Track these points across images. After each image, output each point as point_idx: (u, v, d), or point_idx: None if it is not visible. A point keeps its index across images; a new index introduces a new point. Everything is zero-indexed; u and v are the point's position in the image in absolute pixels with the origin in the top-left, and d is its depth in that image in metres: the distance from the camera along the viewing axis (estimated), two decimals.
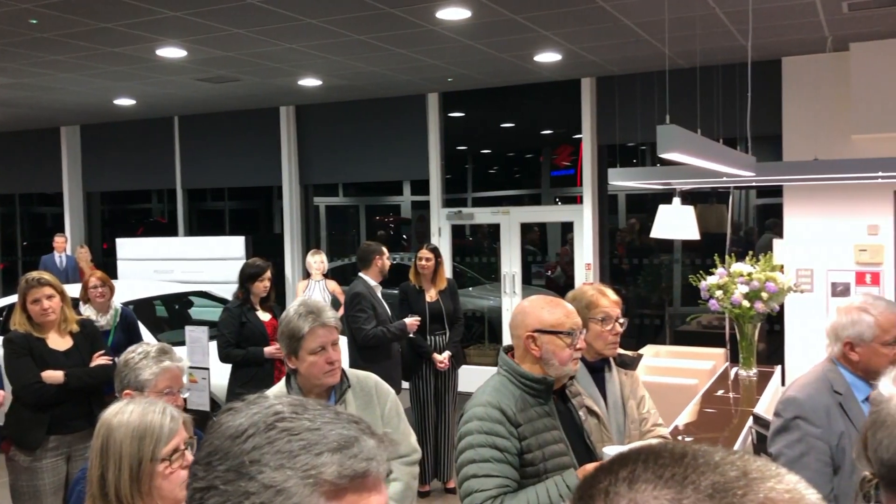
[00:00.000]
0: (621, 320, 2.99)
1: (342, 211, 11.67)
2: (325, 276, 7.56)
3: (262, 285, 5.26)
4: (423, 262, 5.80)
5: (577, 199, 8.62)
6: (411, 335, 5.62)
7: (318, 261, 7.52)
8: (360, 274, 5.70)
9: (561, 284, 9.18)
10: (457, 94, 8.94)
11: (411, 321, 5.54)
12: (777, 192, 7.58)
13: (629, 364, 3.14)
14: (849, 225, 7.08)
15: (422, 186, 9.40)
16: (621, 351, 3.09)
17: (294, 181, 9.86)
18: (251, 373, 5.06)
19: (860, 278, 7.09)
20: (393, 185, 10.88)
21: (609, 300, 2.99)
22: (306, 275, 7.93)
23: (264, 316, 5.29)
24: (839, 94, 6.92)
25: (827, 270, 7.18)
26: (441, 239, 8.92)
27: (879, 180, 6.22)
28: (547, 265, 9.76)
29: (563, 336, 2.42)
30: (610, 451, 2.53)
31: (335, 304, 7.29)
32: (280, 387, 2.73)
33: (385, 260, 5.73)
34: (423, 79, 8.08)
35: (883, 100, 6.53)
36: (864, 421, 1.19)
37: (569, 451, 2.41)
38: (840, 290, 7.03)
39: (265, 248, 9.70)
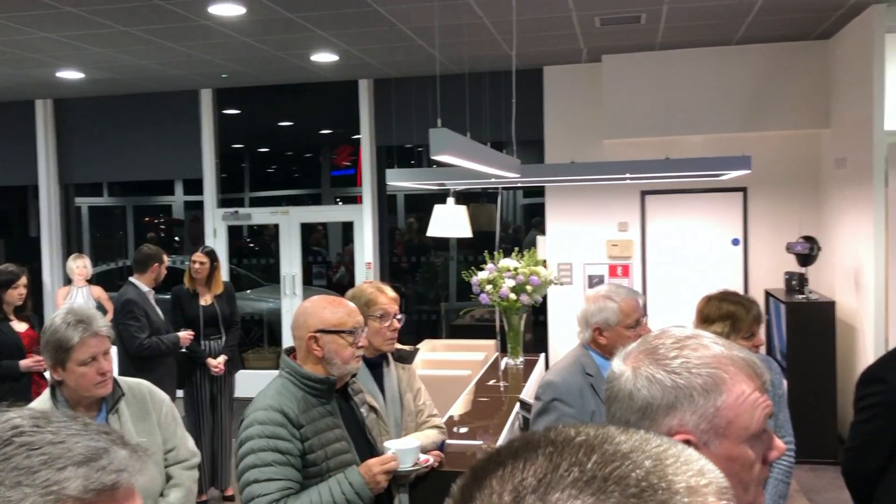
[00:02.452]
0: (399, 316, 3.09)
1: (107, 212, 10.92)
2: (89, 281, 7.05)
3: (17, 293, 4.86)
4: (197, 266, 5.61)
5: (357, 199, 8.71)
6: (183, 349, 5.43)
7: (81, 266, 6.99)
8: (132, 278, 5.40)
9: (345, 284, 9.24)
10: (232, 91, 8.69)
11: (184, 335, 5.36)
12: (541, 192, 8.14)
13: (406, 358, 3.25)
14: (602, 222, 7.77)
15: (195, 186, 9.03)
16: (399, 346, 3.20)
17: (52, 180, 9.08)
18: (4, 388, 4.64)
19: (613, 271, 7.80)
20: (164, 184, 10.36)
21: (387, 297, 3.08)
22: (67, 281, 7.36)
23: (20, 326, 4.88)
24: (593, 102, 7.55)
25: (584, 264, 7.82)
26: (217, 240, 8.63)
27: (628, 181, 6.87)
28: (334, 265, 9.79)
29: (346, 335, 2.46)
30: (391, 444, 2.62)
31: (100, 311, 6.82)
32: (43, 400, 2.54)
33: (163, 269, 5.51)
34: (195, 74, 7.77)
35: (631, 108, 7.23)
36: None
37: (351, 448, 2.46)
38: (596, 282, 7.67)
39: (19, 252, 8.87)
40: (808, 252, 6.36)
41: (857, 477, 2.97)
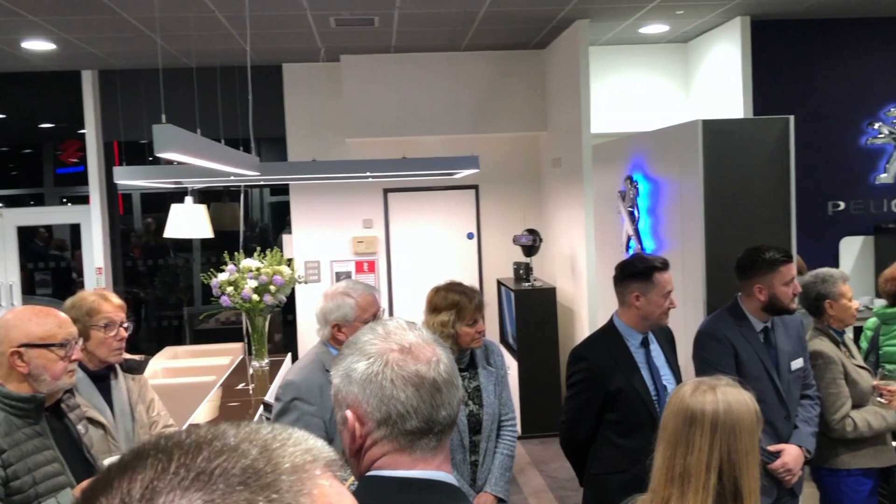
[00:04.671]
0: (126, 325, 2.94)
1: None
2: None
3: None
4: None
5: (88, 199, 8.07)
6: None
7: None
8: None
9: (76, 291, 8.50)
10: None
11: None
12: (288, 190, 8.07)
13: (136, 369, 3.11)
14: (348, 219, 7.88)
15: None
16: (127, 356, 3.04)
17: None
18: None
19: (359, 267, 7.95)
20: None
21: (112, 305, 2.92)
22: None
23: None
24: (334, 101, 7.62)
25: (331, 261, 7.90)
26: None
27: (370, 179, 7.04)
28: (74, 269, 8.99)
29: (56, 348, 2.30)
30: (110, 462, 2.48)
31: None
32: None
33: None
34: None
35: (370, 107, 7.39)
36: None
37: (65, 469, 2.31)
38: (344, 279, 7.77)
39: None
40: (531, 243, 6.92)
41: (571, 446, 3.31)
